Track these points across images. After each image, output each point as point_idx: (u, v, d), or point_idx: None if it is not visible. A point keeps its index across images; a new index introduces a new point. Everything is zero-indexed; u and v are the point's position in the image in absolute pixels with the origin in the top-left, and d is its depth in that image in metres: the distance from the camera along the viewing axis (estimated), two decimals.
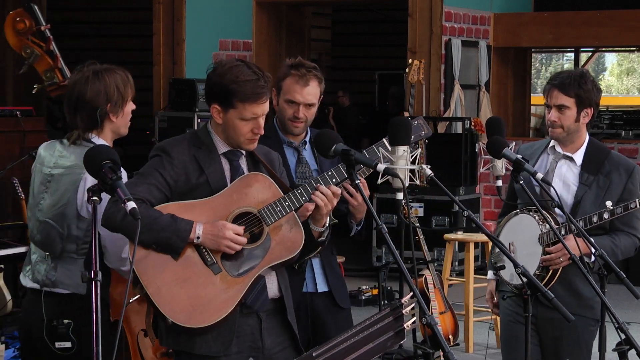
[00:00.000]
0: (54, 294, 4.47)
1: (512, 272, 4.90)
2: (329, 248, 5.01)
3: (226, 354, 4.18)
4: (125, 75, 4.56)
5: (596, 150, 5.14)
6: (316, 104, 5.00)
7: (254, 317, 4.24)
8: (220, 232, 4.10)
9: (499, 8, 13.48)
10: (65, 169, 4.50)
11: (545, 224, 4.95)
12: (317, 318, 5.00)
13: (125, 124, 4.59)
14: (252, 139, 4.23)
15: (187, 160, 4.20)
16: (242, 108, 4.17)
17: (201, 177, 4.20)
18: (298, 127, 4.97)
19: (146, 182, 4.14)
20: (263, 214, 4.17)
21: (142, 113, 16.80)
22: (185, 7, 12.75)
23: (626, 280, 4.47)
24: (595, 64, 36.43)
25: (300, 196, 4.19)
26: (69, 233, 4.44)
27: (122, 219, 4.05)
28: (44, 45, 5.14)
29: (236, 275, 4.14)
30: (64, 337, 4.42)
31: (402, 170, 4.02)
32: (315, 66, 5.00)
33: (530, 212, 5.04)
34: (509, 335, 5.13)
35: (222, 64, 4.24)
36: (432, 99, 12.29)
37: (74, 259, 4.46)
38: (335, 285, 5.04)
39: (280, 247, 4.19)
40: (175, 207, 4.13)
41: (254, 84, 4.17)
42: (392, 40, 16.77)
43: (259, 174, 4.24)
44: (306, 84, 4.91)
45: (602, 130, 12.65)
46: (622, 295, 6.04)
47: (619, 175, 5.09)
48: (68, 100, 4.53)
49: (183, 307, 4.08)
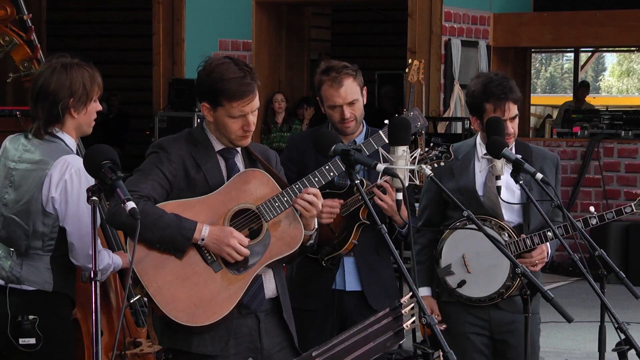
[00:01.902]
0: (18, 291, 4.44)
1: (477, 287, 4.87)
2: (373, 248, 5.00)
3: (223, 355, 4.18)
4: (94, 73, 4.51)
5: (523, 147, 5.06)
6: (359, 98, 5.00)
7: (252, 318, 4.24)
8: (226, 238, 4.09)
9: (499, 8, 13.48)
10: (30, 164, 4.45)
11: (504, 233, 4.88)
12: (347, 318, 4.98)
13: (88, 122, 4.52)
14: (244, 135, 4.22)
15: (184, 156, 4.20)
16: (229, 106, 4.16)
17: (199, 173, 4.20)
18: (349, 126, 4.97)
19: (149, 179, 4.14)
20: (262, 210, 4.18)
21: (142, 113, 16.88)
22: (185, 7, 12.75)
23: (626, 280, 4.47)
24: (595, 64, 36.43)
25: (299, 191, 4.19)
26: (34, 229, 4.41)
27: (127, 216, 4.04)
28: (24, 35, 5.12)
29: (237, 272, 4.14)
30: (29, 333, 4.40)
31: (402, 170, 4.02)
32: (345, 64, 5.01)
33: (484, 223, 4.81)
34: (464, 345, 4.97)
35: (209, 62, 4.24)
36: (432, 99, 12.29)
37: (40, 255, 4.43)
38: (370, 286, 5.00)
39: (280, 242, 4.19)
40: (175, 205, 4.13)
41: (239, 82, 4.15)
42: (391, 40, 16.77)
43: (257, 170, 4.24)
44: (340, 85, 4.93)
45: (602, 130, 12.61)
46: (621, 295, 6.03)
47: (550, 168, 5.03)
48: (32, 89, 4.50)
49: (185, 306, 4.08)
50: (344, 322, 4.97)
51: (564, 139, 12.68)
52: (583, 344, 8.66)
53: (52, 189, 4.37)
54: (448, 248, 4.97)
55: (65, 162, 4.38)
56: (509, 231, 4.89)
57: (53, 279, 4.42)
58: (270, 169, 4.29)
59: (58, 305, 4.46)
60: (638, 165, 12.33)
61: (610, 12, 13.19)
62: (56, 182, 4.37)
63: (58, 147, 4.43)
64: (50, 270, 4.42)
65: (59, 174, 4.37)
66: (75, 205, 4.36)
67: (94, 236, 3.66)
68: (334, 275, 4.96)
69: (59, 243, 4.41)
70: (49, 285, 4.42)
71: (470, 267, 4.94)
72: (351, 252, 4.96)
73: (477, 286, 4.93)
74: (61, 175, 4.37)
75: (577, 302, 10.07)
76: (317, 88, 5.03)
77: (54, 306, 4.45)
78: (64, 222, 4.38)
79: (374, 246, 4.99)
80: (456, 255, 4.95)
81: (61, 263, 4.43)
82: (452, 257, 4.96)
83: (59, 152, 4.41)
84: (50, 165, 4.38)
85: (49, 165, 4.38)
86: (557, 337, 8.71)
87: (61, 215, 4.38)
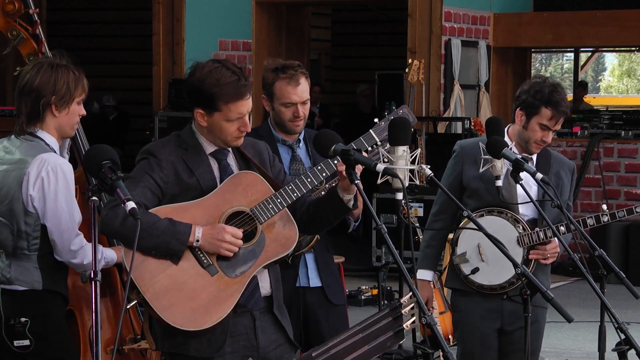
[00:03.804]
0: (11, 292, 4.46)
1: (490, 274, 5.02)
2: (325, 245, 5.08)
3: (219, 355, 4.18)
4: (80, 76, 4.53)
5: (542, 150, 5.20)
6: (309, 98, 5.09)
7: (247, 316, 4.24)
8: (220, 235, 4.10)
9: (499, 8, 13.47)
10: (10, 164, 4.48)
11: (519, 225, 5.02)
12: (310, 313, 5.05)
13: (69, 124, 4.54)
14: (239, 136, 4.23)
15: (175, 161, 4.20)
16: (227, 110, 4.16)
17: (191, 177, 4.19)
18: (300, 125, 5.05)
19: (139, 186, 4.13)
20: (256, 212, 4.18)
21: (142, 113, 16.86)
22: (185, 7, 12.74)
23: (626, 280, 4.48)
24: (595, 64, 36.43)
25: (292, 192, 4.19)
26: (18, 229, 4.43)
27: (120, 224, 4.05)
28: (30, 29, 5.14)
29: (233, 275, 4.14)
30: (22, 335, 4.42)
31: (402, 170, 4.02)
32: (299, 63, 5.08)
33: (496, 214, 5.06)
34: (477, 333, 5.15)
35: (199, 68, 4.23)
36: (432, 99, 12.29)
37: (27, 255, 4.45)
38: (328, 281, 5.09)
39: (275, 244, 4.20)
40: (169, 210, 4.13)
41: (235, 85, 4.16)
42: (391, 40, 16.76)
43: (249, 172, 4.24)
44: (297, 83, 4.99)
45: (602, 131, 12.61)
46: (621, 295, 6.03)
47: (566, 173, 5.23)
48: (18, 84, 4.54)
49: (182, 310, 4.09)
50: (307, 319, 5.03)
51: (563, 139, 12.68)
52: (583, 344, 8.67)
53: (30, 187, 4.40)
54: (465, 237, 5.12)
55: (42, 160, 4.40)
56: (524, 224, 5.03)
57: (42, 278, 4.44)
58: (262, 169, 4.29)
59: (49, 304, 4.48)
60: (638, 165, 12.33)
61: (610, 12, 13.19)
62: (33, 180, 4.40)
63: (37, 146, 4.45)
64: (39, 269, 4.44)
65: (36, 171, 4.39)
66: (53, 202, 4.38)
67: (94, 236, 3.66)
68: (297, 272, 5.01)
69: (43, 241, 4.43)
70: (39, 284, 4.44)
71: (485, 256, 5.09)
72: (312, 248, 5.01)
73: (490, 274, 5.07)
74: (38, 173, 4.39)
75: (577, 302, 10.07)
76: (269, 84, 5.03)
77: (45, 306, 4.46)
78: (44, 219, 4.41)
79: (326, 242, 5.07)
80: (472, 244, 5.11)
81: (48, 261, 4.45)
82: (468, 246, 5.12)
83: (37, 151, 4.43)
84: (29, 164, 4.40)
85: (27, 164, 4.41)
86: (557, 337, 8.71)
87: (41, 213, 4.41)
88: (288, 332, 4.35)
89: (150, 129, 12.12)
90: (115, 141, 14.41)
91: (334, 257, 5.23)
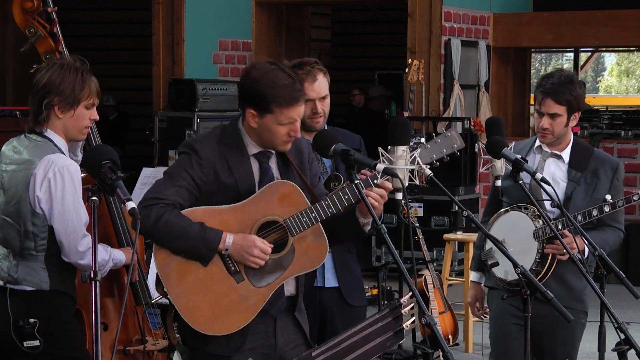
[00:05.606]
0: (18, 292, 4.47)
1: (507, 269, 4.96)
2: (346, 246, 5.02)
3: (238, 351, 4.18)
4: (88, 81, 4.52)
5: (581, 148, 5.21)
6: (328, 94, 5.02)
7: (269, 317, 4.23)
8: (249, 249, 4.07)
9: (499, 8, 13.48)
10: (17, 165, 4.49)
11: (538, 220, 5.01)
12: (326, 313, 5.00)
13: (77, 127, 4.53)
14: (288, 140, 4.18)
15: (215, 159, 4.15)
16: (279, 113, 4.10)
17: (230, 178, 4.16)
18: (319, 121, 4.98)
19: (176, 185, 4.11)
20: (289, 224, 4.12)
21: (142, 113, 16.85)
22: (185, 7, 12.74)
23: (626, 280, 4.49)
24: (595, 64, 36.42)
25: (327, 208, 4.11)
26: (25, 230, 4.44)
27: (153, 225, 4.04)
28: (48, 27, 5.15)
29: (258, 286, 4.12)
30: (31, 336, 4.43)
31: (402, 170, 4.02)
32: (316, 60, 5.03)
33: (521, 209, 5.08)
34: (500, 331, 5.18)
35: (255, 68, 4.18)
36: (432, 99, 12.29)
37: (34, 255, 4.46)
38: (346, 282, 5.03)
39: (304, 258, 4.15)
40: (202, 212, 4.11)
41: (290, 88, 4.10)
42: (391, 40, 16.76)
43: (287, 182, 4.18)
44: (314, 79, 4.93)
45: (602, 130, 12.61)
46: (621, 295, 6.03)
47: (605, 172, 5.20)
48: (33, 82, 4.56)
49: (203, 314, 4.09)
50: (324, 319, 5.00)
51: None
52: (583, 344, 8.61)
53: (37, 188, 4.40)
54: (492, 232, 5.07)
55: (48, 161, 4.41)
56: (545, 219, 4.93)
57: (49, 278, 4.45)
58: (302, 177, 4.24)
59: (57, 304, 4.48)
60: (638, 165, 12.33)
61: (610, 12, 13.18)
62: (40, 181, 4.40)
63: (45, 147, 4.46)
64: (46, 270, 4.45)
65: (43, 172, 4.40)
66: (60, 204, 4.39)
67: (94, 236, 3.67)
68: (315, 272, 4.98)
69: (51, 242, 4.44)
70: (46, 285, 4.45)
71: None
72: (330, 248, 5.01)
73: (507, 269, 5.00)
74: (45, 174, 4.40)
75: None
76: None
77: (53, 306, 4.47)
78: (51, 220, 4.42)
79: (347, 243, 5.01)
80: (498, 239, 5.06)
81: (56, 262, 4.45)
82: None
83: (45, 152, 4.44)
84: (36, 165, 4.41)
85: (34, 164, 4.42)
86: None
87: (48, 214, 4.41)
88: (306, 333, 4.34)
89: (150, 129, 12.11)
90: (115, 141, 14.40)
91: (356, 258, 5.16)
